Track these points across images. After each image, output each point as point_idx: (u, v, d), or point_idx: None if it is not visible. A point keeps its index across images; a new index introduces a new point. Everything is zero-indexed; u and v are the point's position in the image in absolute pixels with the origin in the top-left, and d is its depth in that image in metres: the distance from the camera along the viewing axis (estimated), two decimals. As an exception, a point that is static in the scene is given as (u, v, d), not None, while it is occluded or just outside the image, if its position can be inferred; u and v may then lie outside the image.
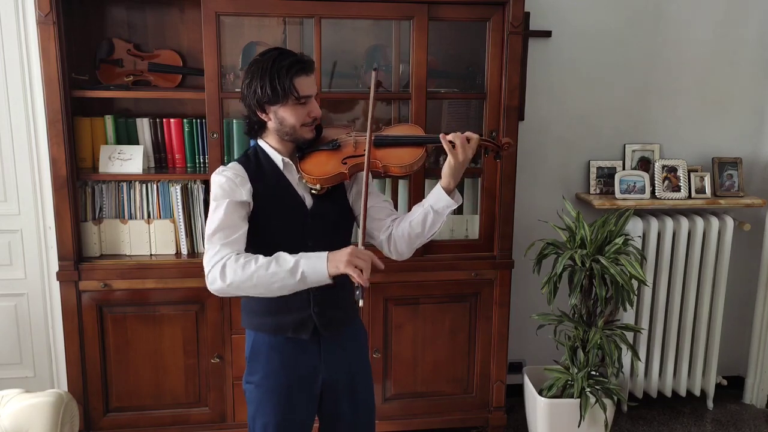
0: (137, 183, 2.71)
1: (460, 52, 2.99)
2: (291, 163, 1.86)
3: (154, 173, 2.72)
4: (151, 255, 2.75)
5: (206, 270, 1.74)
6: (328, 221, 1.89)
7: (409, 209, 2.20)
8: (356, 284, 1.64)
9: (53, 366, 3.06)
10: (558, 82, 3.12)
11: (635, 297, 2.87)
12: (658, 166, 3.12)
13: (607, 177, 3.17)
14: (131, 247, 2.74)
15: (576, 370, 2.78)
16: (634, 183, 3.11)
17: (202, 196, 2.74)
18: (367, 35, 2.93)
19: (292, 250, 1.75)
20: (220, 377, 2.77)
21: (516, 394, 3.15)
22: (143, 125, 2.75)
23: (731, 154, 3.26)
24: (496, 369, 2.92)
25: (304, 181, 1.85)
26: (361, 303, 1.66)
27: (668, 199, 3.10)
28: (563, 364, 2.87)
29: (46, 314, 3.02)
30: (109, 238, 2.73)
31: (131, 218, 2.74)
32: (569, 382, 2.80)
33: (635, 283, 2.75)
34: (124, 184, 2.71)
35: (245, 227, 1.78)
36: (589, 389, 2.73)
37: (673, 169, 3.12)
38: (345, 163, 1.85)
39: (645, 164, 3.20)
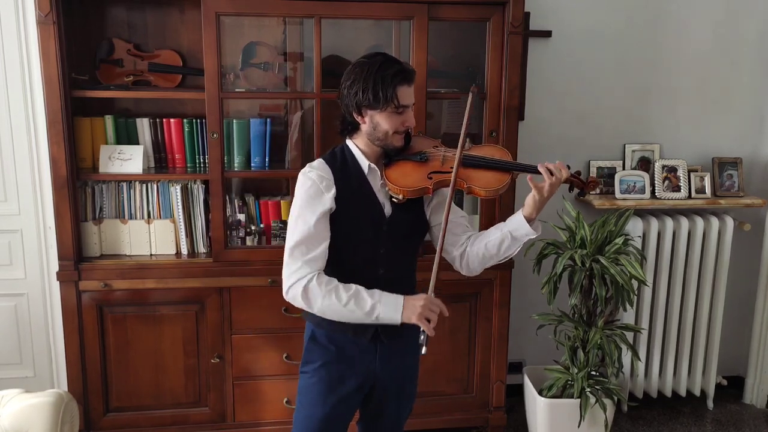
0: (137, 183, 2.71)
1: (460, 52, 2.99)
2: (376, 168, 1.87)
3: (154, 173, 2.72)
4: (151, 255, 2.75)
5: (286, 285, 1.78)
6: (404, 230, 1.91)
7: (487, 226, 2.22)
8: (422, 330, 1.71)
9: (53, 366, 3.06)
10: (558, 82, 3.12)
11: (635, 297, 2.87)
12: (658, 166, 3.12)
13: (607, 177, 3.17)
14: (131, 247, 2.74)
15: (576, 370, 2.78)
16: (634, 183, 3.11)
17: (202, 196, 2.74)
18: (367, 35, 2.93)
19: (364, 255, 1.85)
20: (220, 377, 2.77)
21: (516, 394, 3.15)
22: (143, 125, 2.75)
23: (731, 154, 3.26)
24: (496, 369, 2.92)
25: (386, 188, 1.86)
26: (424, 351, 1.72)
27: (668, 199, 3.10)
28: (563, 364, 2.87)
29: (46, 314, 3.02)
30: (109, 238, 2.73)
31: (131, 218, 2.74)
32: (569, 382, 2.80)
33: (635, 283, 2.75)
34: (124, 184, 2.71)
35: (328, 240, 1.80)
36: (589, 389, 2.73)
37: (673, 169, 3.12)
38: (430, 178, 1.86)
39: (645, 164, 3.20)
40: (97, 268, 2.64)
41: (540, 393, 2.83)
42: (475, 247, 1.92)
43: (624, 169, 3.18)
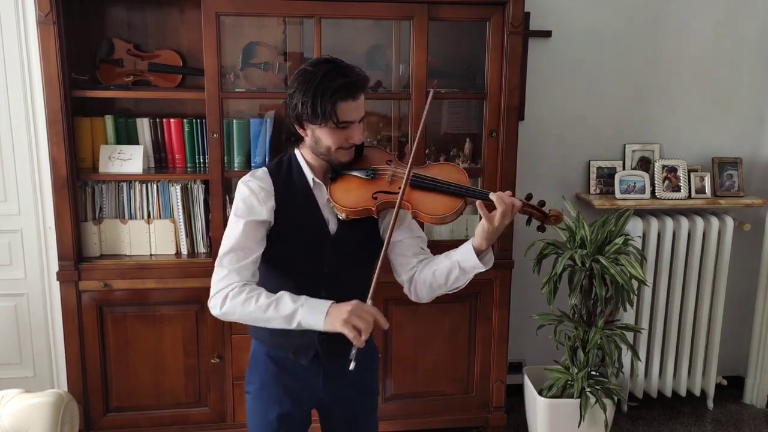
0: (137, 183, 2.71)
1: (460, 52, 2.99)
2: (321, 183, 1.76)
3: (154, 173, 2.72)
4: (151, 255, 2.75)
5: (211, 293, 1.67)
6: (350, 249, 1.77)
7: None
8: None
9: (53, 366, 3.06)
10: (558, 82, 3.12)
11: (635, 297, 2.87)
12: (658, 166, 3.12)
13: (607, 177, 3.17)
14: (131, 247, 2.74)
15: (576, 370, 2.78)
16: (634, 183, 3.11)
17: (202, 196, 2.74)
18: (367, 35, 2.93)
19: (307, 274, 1.73)
20: (220, 377, 2.76)
21: (516, 394, 3.15)
22: (143, 125, 2.75)
23: (731, 154, 3.26)
24: (496, 369, 2.92)
25: (331, 205, 1.74)
26: (352, 365, 1.54)
27: (668, 199, 3.10)
28: (563, 364, 2.87)
29: (46, 314, 3.02)
30: (109, 238, 2.73)
31: (131, 218, 2.74)
32: (569, 382, 2.80)
33: (635, 283, 2.75)
34: (124, 184, 2.71)
35: (260, 250, 1.69)
36: (589, 389, 2.73)
37: (673, 169, 3.12)
38: (375, 198, 1.72)
39: (645, 164, 3.20)
40: (97, 268, 2.64)
41: (540, 393, 2.83)
42: (423, 274, 1.76)
43: (624, 169, 3.17)
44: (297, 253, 1.74)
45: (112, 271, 2.64)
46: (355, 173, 1.75)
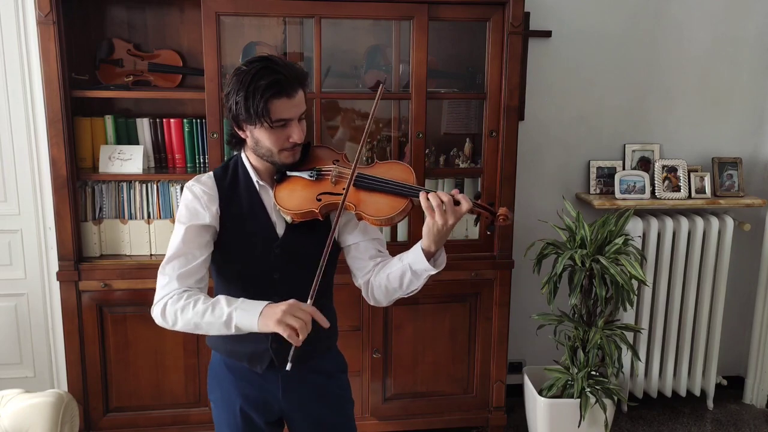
0: (137, 183, 2.71)
1: (460, 52, 2.99)
2: (267, 186, 1.70)
3: (154, 173, 2.72)
4: (151, 255, 2.75)
5: (154, 301, 1.61)
6: (301, 253, 1.69)
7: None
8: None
9: (53, 366, 3.06)
10: (558, 82, 3.12)
11: (635, 297, 2.87)
12: (658, 166, 3.12)
13: (607, 177, 3.17)
14: (131, 247, 2.74)
15: (576, 370, 2.78)
16: (634, 183, 3.11)
17: (202, 196, 2.74)
18: (367, 35, 2.93)
19: (256, 280, 1.68)
20: (220, 377, 2.76)
21: (516, 394, 3.15)
22: (143, 125, 2.75)
23: (731, 154, 3.26)
24: (496, 369, 2.92)
25: (278, 208, 1.68)
26: (288, 366, 1.50)
27: (668, 199, 3.10)
28: (563, 364, 2.87)
29: (46, 314, 3.02)
30: (109, 238, 2.73)
31: (131, 218, 2.74)
32: (569, 382, 2.80)
33: (635, 283, 2.75)
34: (124, 184, 2.71)
35: (204, 255, 1.64)
36: (589, 389, 2.73)
37: (673, 169, 3.12)
38: (319, 200, 1.65)
39: (645, 164, 3.20)
40: (97, 268, 2.64)
41: (540, 393, 2.83)
42: (378, 278, 1.70)
43: (624, 169, 3.18)
44: (246, 259, 1.69)
45: (112, 271, 2.64)
46: (299, 174, 1.69)
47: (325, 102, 2.63)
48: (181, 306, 1.56)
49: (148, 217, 2.75)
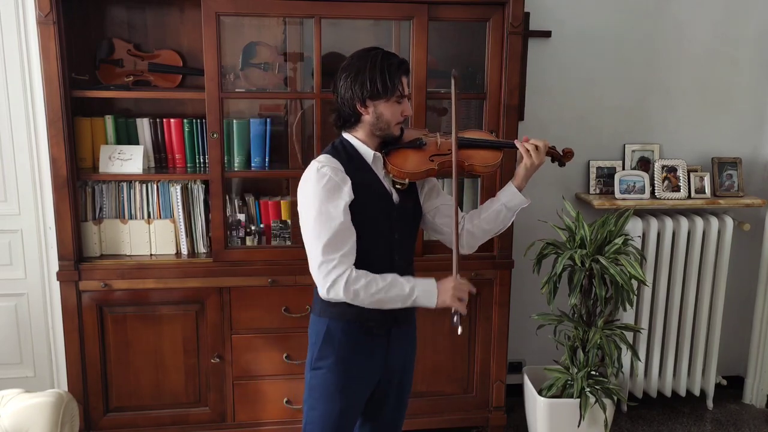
0: (137, 183, 2.71)
1: (460, 52, 2.99)
2: (381, 156, 1.93)
3: (154, 173, 2.72)
4: (151, 255, 2.75)
5: (325, 284, 1.79)
6: (409, 215, 1.99)
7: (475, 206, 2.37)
8: (454, 311, 1.83)
9: (53, 366, 3.06)
10: (557, 82, 3.12)
11: (635, 297, 2.87)
12: (657, 166, 3.12)
13: (606, 177, 3.17)
14: (131, 247, 2.74)
15: (576, 370, 2.78)
16: (634, 183, 3.11)
17: (202, 196, 2.74)
18: (367, 35, 2.93)
19: (382, 243, 1.90)
20: (220, 377, 2.77)
21: (516, 394, 3.15)
22: (143, 125, 2.75)
23: (731, 154, 3.26)
24: (496, 369, 2.92)
25: (390, 175, 1.93)
26: (460, 330, 1.84)
27: (668, 199, 3.10)
28: (563, 364, 2.87)
29: (46, 314, 3.02)
30: (109, 238, 2.73)
31: (131, 218, 2.74)
32: (569, 382, 2.80)
33: (635, 283, 2.75)
34: (124, 184, 2.71)
35: (355, 233, 1.83)
36: (588, 389, 2.73)
37: (672, 169, 3.12)
38: (432, 160, 1.96)
39: (645, 164, 3.20)
40: (97, 268, 2.64)
41: (540, 393, 2.83)
42: (473, 223, 2.04)
43: (624, 169, 3.18)
44: (372, 225, 1.88)
45: (112, 271, 2.64)
46: (405, 146, 1.96)
47: (325, 102, 2.63)
48: (365, 284, 1.79)
49: (149, 217, 2.75)
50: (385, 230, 1.91)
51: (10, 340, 3.02)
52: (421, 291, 1.83)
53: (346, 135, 1.93)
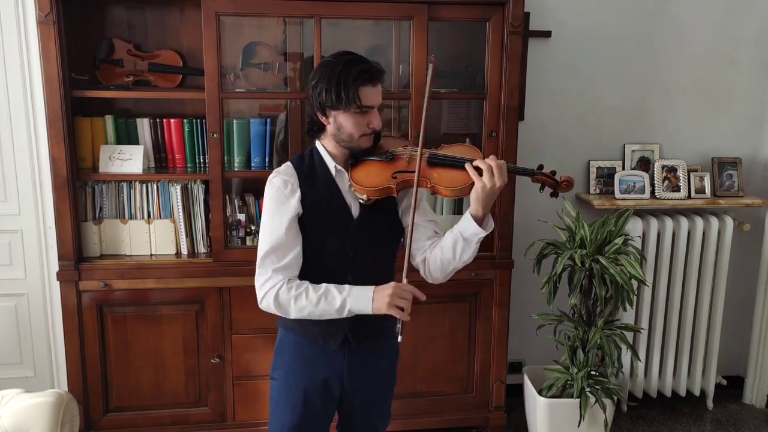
0: (137, 183, 2.71)
1: (460, 52, 2.99)
2: (343, 171, 1.84)
3: (154, 173, 2.72)
4: (151, 255, 2.75)
5: (259, 295, 1.76)
6: (374, 232, 1.86)
7: None
8: (398, 319, 1.69)
9: (53, 366, 3.06)
10: (557, 82, 3.12)
11: (635, 297, 2.87)
12: (657, 166, 3.12)
13: (606, 177, 3.17)
14: (131, 247, 2.74)
15: (576, 370, 2.78)
16: (634, 183, 3.11)
17: (202, 196, 2.74)
18: (367, 35, 2.94)
19: (334, 257, 1.81)
20: (220, 377, 2.77)
21: (516, 394, 3.15)
22: (143, 125, 2.75)
23: (731, 154, 3.26)
24: (496, 369, 2.92)
25: (353, 189, 1.83)
26: (400, 339, 1.71)
27: (668, 199, 3.10)
28: (563, 364, 2.87)
29: (46, 314, 3.02)
30: (109, 238, 2.73)
31: (131, 218, 2.74)
32: (569, 382, 2.80)
33: (635, 283, 2.75)
34: (124, 184, 2.71)
35: (299, 246, 1.78)
36: (588, 389, 2.73)
37: (672, 169, 3.12)
38: (395, 177, 1.81)
39: (645, 164, 3.20)
40: (97, 268, 2.64)
41: (540, 393, 2.83)
42: (434, 253, 1.85)
43: (624, 169, 3.18)
44: (324, 238, 1.82)
45: (112, 271, 2.64)
46: (373, 158, 1.84)
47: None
48: (294, 296, 1.72)
49: (149, 217, 2.75)
50: (339, 247, 1.82)
51: (10, 340, 3.02)
52: (354, 300, 1.71)
53: (317, 143, 1.86)
